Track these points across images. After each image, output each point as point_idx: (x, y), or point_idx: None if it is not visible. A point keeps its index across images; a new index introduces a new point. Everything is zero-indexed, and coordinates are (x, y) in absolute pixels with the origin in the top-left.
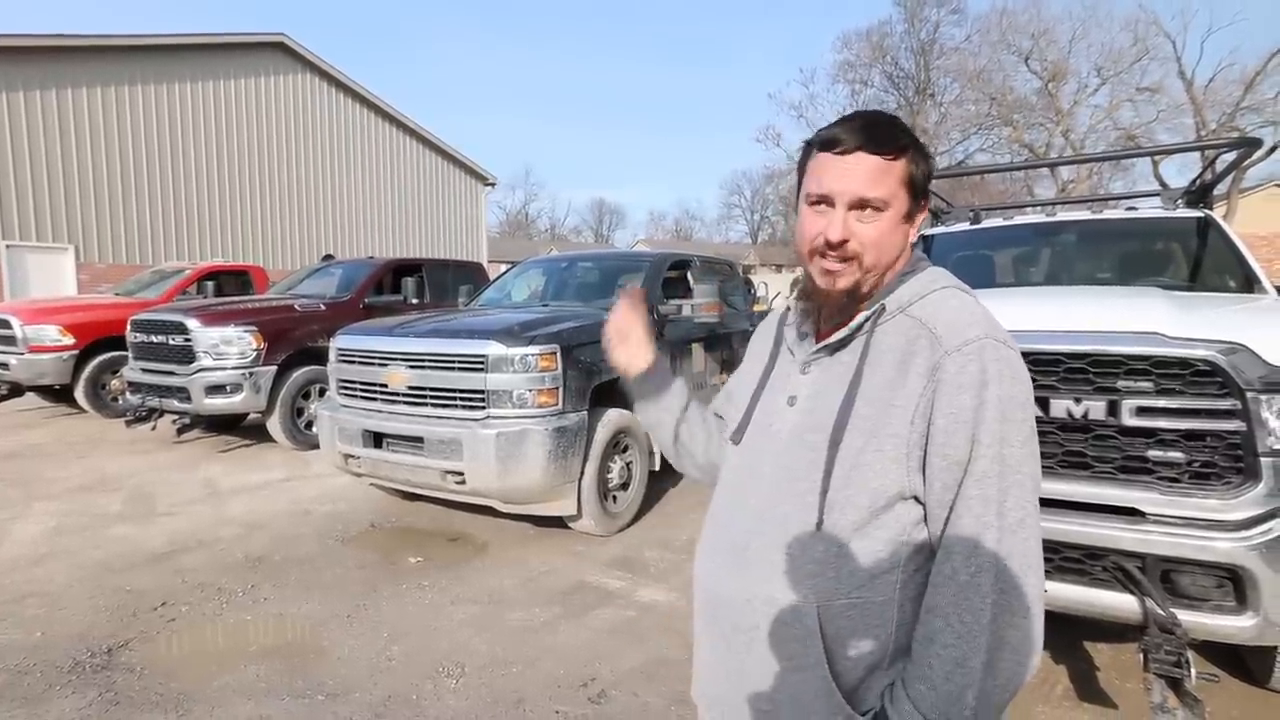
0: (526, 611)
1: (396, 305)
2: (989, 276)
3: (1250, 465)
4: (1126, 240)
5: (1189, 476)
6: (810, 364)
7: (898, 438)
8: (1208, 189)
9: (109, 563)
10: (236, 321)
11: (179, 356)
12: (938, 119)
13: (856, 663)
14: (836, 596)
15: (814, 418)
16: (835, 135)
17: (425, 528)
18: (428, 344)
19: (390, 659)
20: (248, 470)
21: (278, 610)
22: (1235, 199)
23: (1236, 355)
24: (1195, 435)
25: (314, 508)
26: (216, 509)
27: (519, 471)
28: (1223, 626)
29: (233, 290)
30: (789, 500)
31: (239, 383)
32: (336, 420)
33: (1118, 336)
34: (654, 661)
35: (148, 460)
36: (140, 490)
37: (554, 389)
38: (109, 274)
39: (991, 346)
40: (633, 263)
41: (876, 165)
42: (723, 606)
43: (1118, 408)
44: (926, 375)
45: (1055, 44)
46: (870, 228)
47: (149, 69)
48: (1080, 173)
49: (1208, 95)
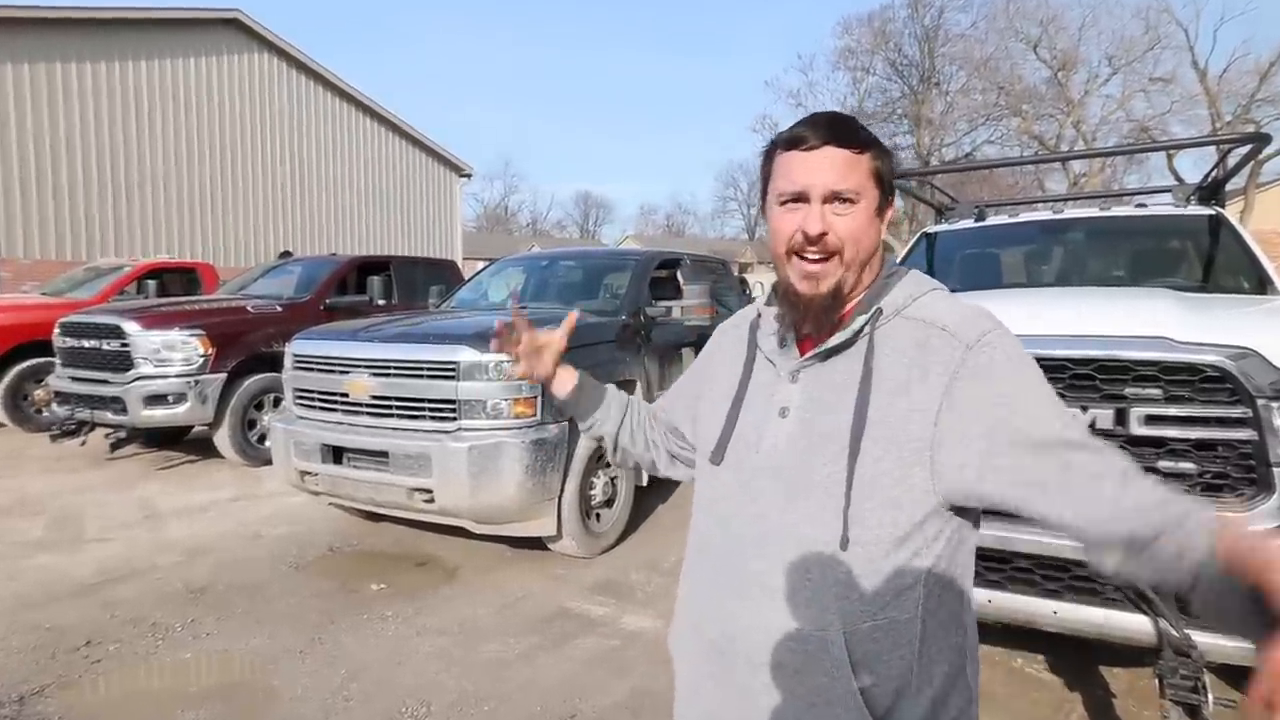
0: (500, 642)
1: (361, 307)
2: (995, 276)
3: (1263, 476)
4: (1136, 238)
5: (1200, 489)
6: (800, 372)
7: (919, 441)
8: (1219, 185)
9: (26, 596)
10: (181, 324)
11: (114, 363)
12: (944, 109)
13: (885, 688)
14: (863, 620)
15: (818, 429)
16: (800, 133)
17: (390, 551)
18: (394, 349)
19: (348, 698)
20: (191, 490)
21: (222, 646)
22: (1253, 194)
23: (1246, 360)
24: (1206, 445)
25: (265, 530)
26: (154, 533)
27: (493, 488)
28: (1240, 648)
29: (178, 290)
30: (804, 519)
31: (183, 392)
32: (292, 433)
33: (1124, 341)
34: (639, 694)
35: (76, 479)
36: (66, 513)
37: (532, 398)
38: (35, 271)
39: (1007, 335)
40: (618, 261)
41: (845, 158)
42: (734, 644)
43: (1126, 416)
44: (950, 373)
45: (1065, 31)
46: (847, 220)
47: (85, 45)
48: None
49: (1222, 86)
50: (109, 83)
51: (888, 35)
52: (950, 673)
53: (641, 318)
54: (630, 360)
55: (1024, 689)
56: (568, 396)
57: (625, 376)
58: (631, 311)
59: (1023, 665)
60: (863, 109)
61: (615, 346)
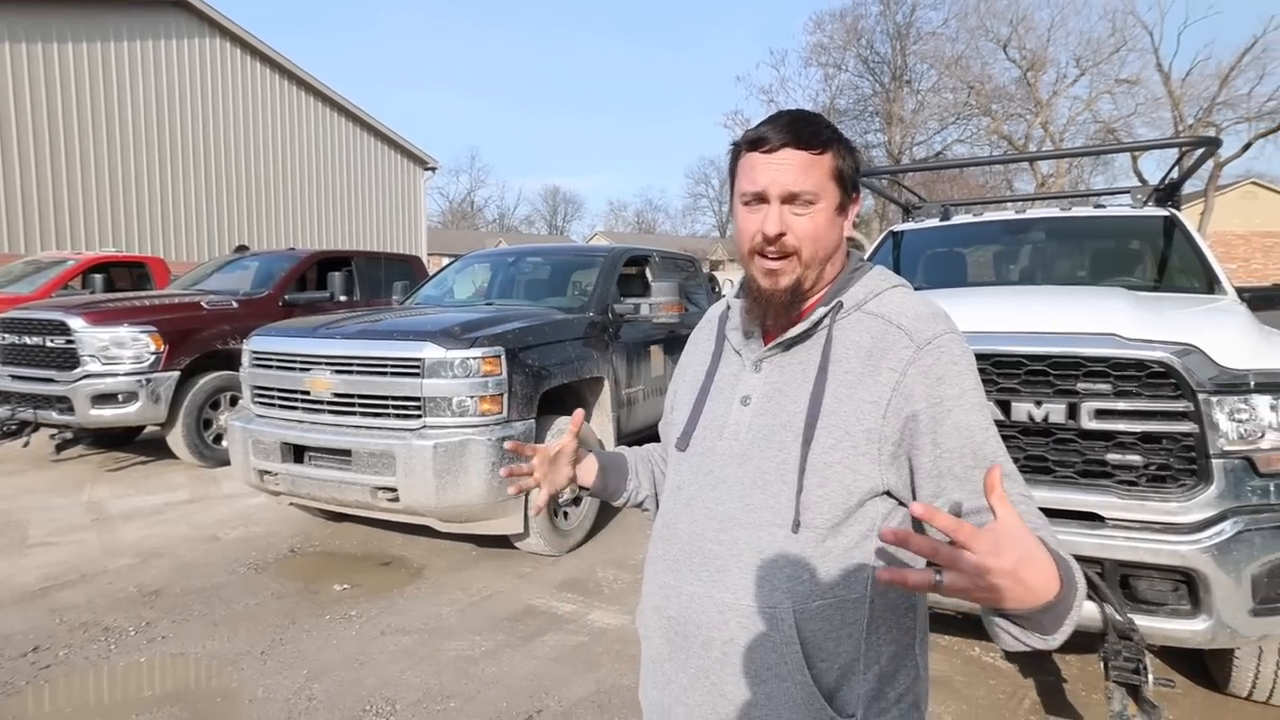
0: (466, 640)
1: (321, 303)
2: (960, 274)
3: (1203, 467)
4: (1095, 239)
5: (1146, 480)
6: (763, 361)
7: (869, 432)
8: (1175, 188)
9: None
10: (131, 321)
11: (59, 361)
12: (915, 107)
13: (833, 664)
14: (812, 599)
15: (777, 417)
16: (762, 134)
17: (353, 552)
18: (357, 346)
19: (311, 698)
20: (143, 491)
21: (178, 649)
22: (1212, 197)
23: (1189, 357)
24: (1152, 438)
25: (223, 532)
26: (104, 537)
27: (459, 486)
28: (1178, 630)
29: (127, 285)
30: (760, 504)
31: (133, 391)
32: (251, 432)
33: (1076, 338)
34: (606, 690)
35: (18, 482)
36: (9, 518)
37: (498, 395)
38: None
39: (958, 340)
40: (586, 258)
41: (803, 159)
42: (692, 620)
43: (1077, 410)
44: (900, 369)
45: (1034, 31)
46: (805, 220)
47: (20, 25)
48: (1060, 167)
49: (1185, 89)
50: (46, 67)
51: (860, 32)
52: (898, 652)
53: (610, 315)
54: (598, 358)
55: (981, 677)
56: (594, 484)
57: (593, 374)
58: (599, 309)
59: (980, 654)
60: (835, 106)
61: (583, 344)
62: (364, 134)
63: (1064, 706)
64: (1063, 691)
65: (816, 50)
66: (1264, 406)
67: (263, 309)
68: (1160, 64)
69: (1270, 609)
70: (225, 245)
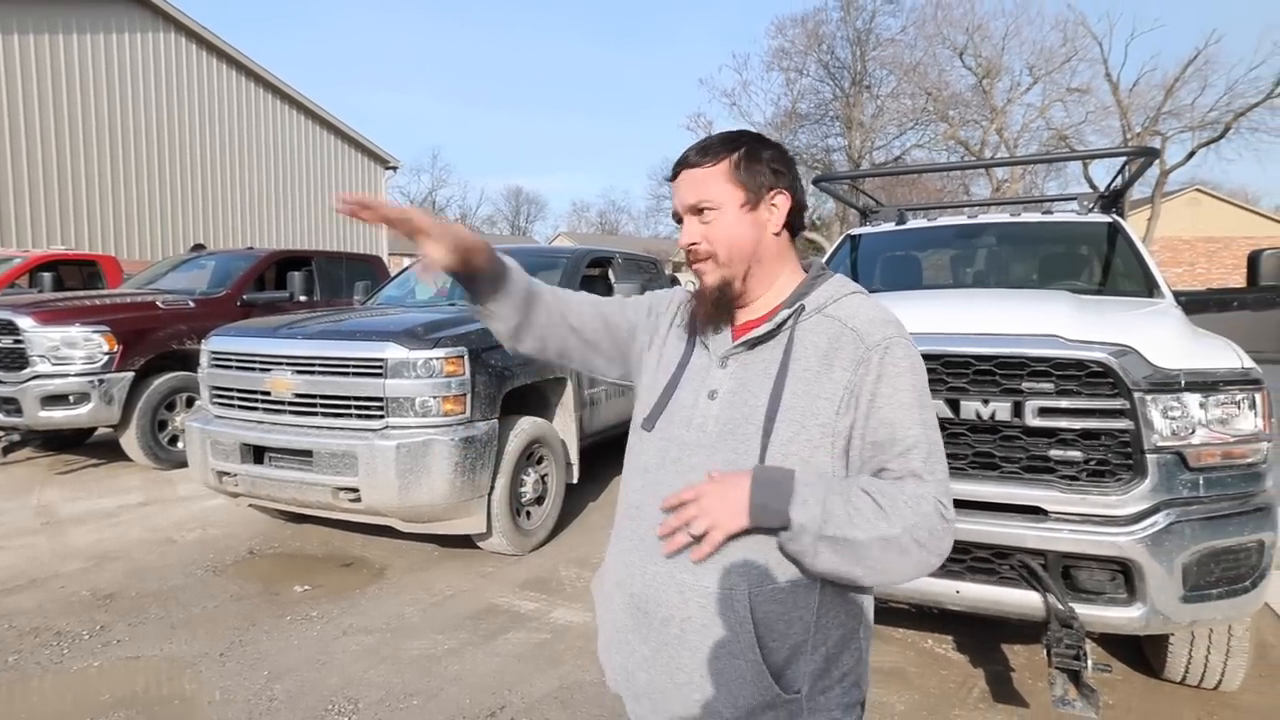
0: (428, 639)
1: (281, 303)
2: (915, 277)
3: (1139, 462)
4: (1043, 243)
5: (1086, 474)
6: (729, 358)
7: (824, 426)
8: (1119, 195)
9: None
10: (83, 320)
11: (7, 361)
12: (874, 112)
13: (783, 644)
14: (766, 582)
15: (741, 411)
16: (673, 164)
17: (314, 553)
18: (319, 346)
19: (272, 699)
20: (95, 494)
21: (134, 653)
22: (1159, 203)
23: (1126, 357)
24: (1091, 434)
25: (180, 535)
26: (55, 540)
27: (422, 486)
28: (1115, 618)
29: (78, 284)
30: None
31: (85, 392)
32: (209, 433)
33: (1020, 339)
34: (568, 686)
35: None
36: None
37: (461, 396)
38: None
39: (905, 344)
40: (549, 259)
41: (696, 175)
42: (654, 599)
43: (1022, 408)
44: (851, 368)
45: (989, 40)
46: (712, 226)
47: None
48: (1014, 172)
49: (1133, 99)
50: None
51: (821, 37)
52: (844, 635)
53: None
54: None
55: (934, 668)
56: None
57: (556, 374)
58: None
59: (933, 646)
60: (797, 110)
61: None
62: (323, 132)
63: (1011, 694)
64: (1010, 680)
65: (779, 55)
66: (1194, 404)
67: (220, 309)
68: (1109, 74)
69: (1200, 596)
70: (181, 244)
